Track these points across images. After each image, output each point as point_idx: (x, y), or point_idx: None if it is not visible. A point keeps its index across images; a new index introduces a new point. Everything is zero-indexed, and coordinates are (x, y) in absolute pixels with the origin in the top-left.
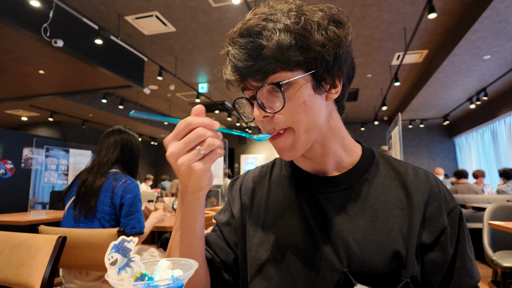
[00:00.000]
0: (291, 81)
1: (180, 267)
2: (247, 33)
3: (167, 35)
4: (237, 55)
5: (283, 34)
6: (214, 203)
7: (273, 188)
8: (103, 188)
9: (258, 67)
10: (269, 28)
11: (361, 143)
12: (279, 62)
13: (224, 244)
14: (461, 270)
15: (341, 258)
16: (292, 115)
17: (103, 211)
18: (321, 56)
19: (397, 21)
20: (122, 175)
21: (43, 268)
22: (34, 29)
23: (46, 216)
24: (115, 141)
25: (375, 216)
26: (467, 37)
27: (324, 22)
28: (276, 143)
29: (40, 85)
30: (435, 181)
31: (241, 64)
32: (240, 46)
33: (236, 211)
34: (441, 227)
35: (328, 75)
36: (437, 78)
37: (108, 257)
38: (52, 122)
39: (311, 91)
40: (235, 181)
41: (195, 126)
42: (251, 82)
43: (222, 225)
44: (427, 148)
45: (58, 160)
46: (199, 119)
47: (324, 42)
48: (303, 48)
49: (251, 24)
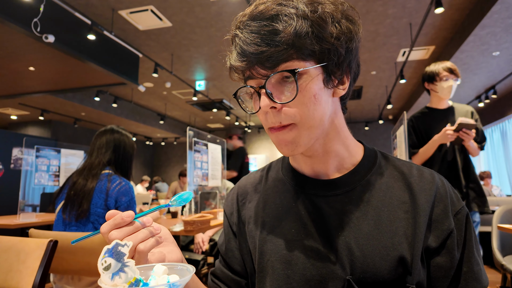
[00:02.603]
0: (304, 71)
1: (176, 272)
2: (261, 17)
3: (163, 30)
4: (248, 39)
5: (301, 21)
6: (212, 205)
7: (269, 194)
8: (96, 189)
9: (270, 53)
10: (287, 12)
11: (363, 143)
12: (294, 49)
13: (230, 273)
14: (468, 275)
15: (343, 265)
16: (301, 107)
17: (97, 214)
18: (334, 48)
19: (403, 16)
20: (116, 176)
21: (33, 274)
22: (24, 24)
23: (37, 219)
24: (107, 141)
25: (378, 219)
26: (475, 33)
27: (338, 15)
28: (277, 136)
29: (30, 82)
30: (441, 182)
31: (251, 49)
32: (251, 30)
33: (235, 227)
34: (447, 230)
35: (338, 70)
36: None
37: (101, 262)
38: (42, 121)
39: (322, 85)
40: (229, 194)
41: (112, 239)
42: (259, 69)
43: (224, 254)
44: None
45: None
46: (106, 228)
47: (338, 34)
48: (319, 37)
49: (264, 7)
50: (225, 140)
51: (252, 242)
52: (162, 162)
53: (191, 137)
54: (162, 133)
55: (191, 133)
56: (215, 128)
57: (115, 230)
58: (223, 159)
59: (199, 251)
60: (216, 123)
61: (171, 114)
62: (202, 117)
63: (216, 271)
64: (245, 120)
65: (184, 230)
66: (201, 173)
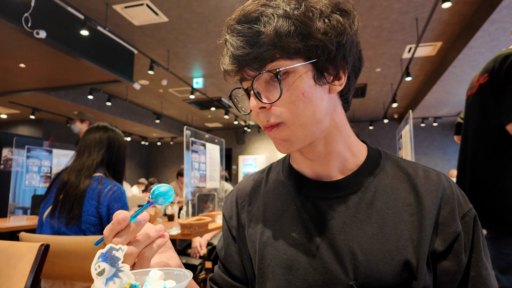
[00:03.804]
0: (289, 69)
1: (173, 277)
2: (245, 20)
3: (159, 26)
4: (235, 43)
5: (282, 20)
6: (210, 208)
7: (269, 196)
8: (87, 196)
9: (255, 54)
10: (267, 13)
11: (366, 143)
12: (277, 49)
13: (230, 279)
14: (476, 279)
15: (346, 270)
16: (290, 106)
17: (88, 221)
18: (322, 44)
19: (409, 10)
20: (107, 180)
21: (24, 279)
22: (14, 19)
23: (27, 222)
24: (101, 139)
25: (382, 222)
26: (484, 28)
27: (327, 10)
28: (271, 134)
29: (20, 80)
30: (447, 183)
31: (238, 52)
32: (237, 33)
33: (235, 231)
34: (454, 233)
35: (331, 65)
36: (452, 72)
37: (95, 267)
38: (34, 120)
39: (312, 82)
40: (228, 196)
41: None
42: (248, 71)
43: (224, 260)
44: (441, 148)
45: (40, 161)
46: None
47: (326, 30)
48: (303, 35)
49: (249, 10)
50: (223, 140)
51: (252, 246)
52: (158, 163)
53: (188, 137)
54: (158, 132)
55: (188, 132)
56: (213, 128)
57: (117, 238)
58: (221, 159)
59: (196, 256)
60: (215, 122)
61: (168, 113)
62: (200, 116)
63: (215, 277)
64: (244, 119)
65: (181, 234)
66: (199, 175)
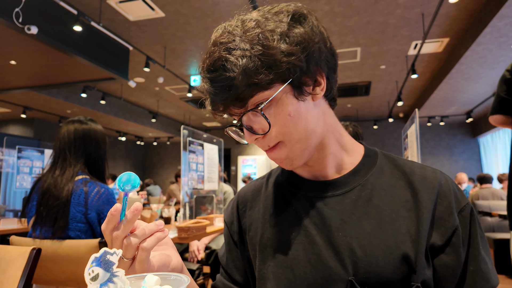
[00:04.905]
0: (270, 101)
1: (170, 282)
2: (214, 68)
3: (155, 21)
4: (212, 90)
5: (245, 60)
6: (208, 210)
7: (269, 200)
8: (72, 202)
9: (234, 96)
10: (231, 60)
11: (363, 144)
12: (252, 86)
13: (232, 284)
14: (475, 274)
15: (346, 266)
16: (282, 128)
17: (78, 229)
18: (292, 65)
19: (414, 5)
20: (92, 182)
21: (15, 284)
22: (5, 14)
23: (18, 225)
24: (76, 134)
25: (380, 219)
26: (493, 24)
27: (284, 28)
28: (271, 155)
29: (11, 77)
30: (444, 179)
31: (218, 98)
32: (212, 81)
33: (236, 236)
34: (452, 227)
35: (307, 77)
36: (459, 70)
37: (89, 272)
38: (25, 119)
39: (294, 101)
40: (230, 202)
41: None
42: (233, 109)
43: (225, 266)
44: (448, 148)
45: (32, 162)
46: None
47: (290, 51)
48: (270, 64)
49: (215, 57)
50: (222, 140)
51: (253, 249)
52: (154, 163)
53: (186, 137)
54: (154, 132)
55: (185, 132)
56: (212, 127)
57: (116, 232)
58: (220, 160)
59: (194, 260)
60: (213, 121)
61: (164, 111)
62: (198, 115)
63: (217, 284)
64: None
65: (178, 237)
66: (197, 176)
